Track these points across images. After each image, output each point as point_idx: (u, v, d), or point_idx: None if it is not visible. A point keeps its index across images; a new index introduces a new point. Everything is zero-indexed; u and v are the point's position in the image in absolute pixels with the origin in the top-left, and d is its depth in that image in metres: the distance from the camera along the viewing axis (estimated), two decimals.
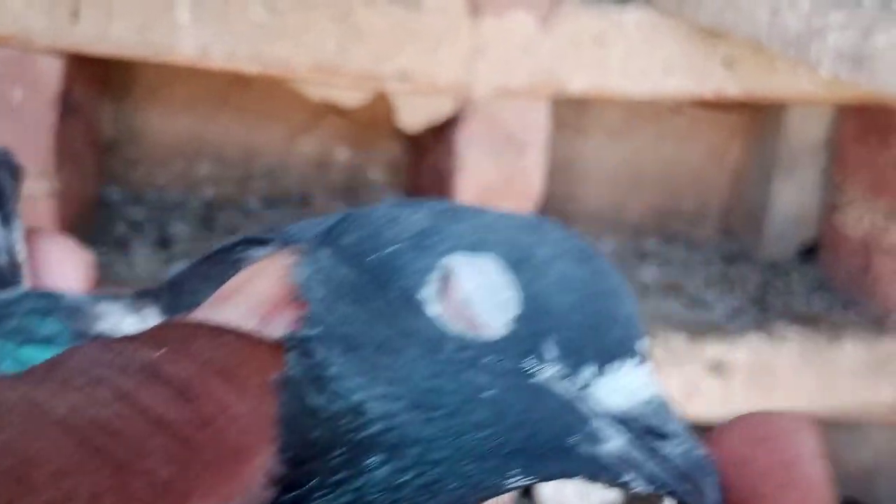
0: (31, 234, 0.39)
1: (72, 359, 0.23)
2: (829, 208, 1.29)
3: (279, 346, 0.25)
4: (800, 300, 1.26)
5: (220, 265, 0.29)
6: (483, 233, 0.27)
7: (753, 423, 0.26)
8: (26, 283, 0.38)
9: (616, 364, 0.26)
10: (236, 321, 0.25)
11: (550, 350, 0.26)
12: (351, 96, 1.08)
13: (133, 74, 1.23)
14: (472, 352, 0.25)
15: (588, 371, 0.26)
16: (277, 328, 0.25)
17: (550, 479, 0.26)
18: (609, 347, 0.26)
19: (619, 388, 0.26)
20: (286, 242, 0.28)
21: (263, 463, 0.23)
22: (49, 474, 0.20)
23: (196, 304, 0.27)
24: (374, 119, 1.25)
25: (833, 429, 1.22)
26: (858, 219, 1.24)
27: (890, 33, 0.69)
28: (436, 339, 0.25)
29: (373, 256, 0.26)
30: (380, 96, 1.08)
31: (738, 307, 1.23)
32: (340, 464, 0.25)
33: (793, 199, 1.31)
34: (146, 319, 0.28)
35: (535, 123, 1.02)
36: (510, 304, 0.26)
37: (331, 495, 0.25)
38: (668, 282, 1.30)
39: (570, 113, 1.27)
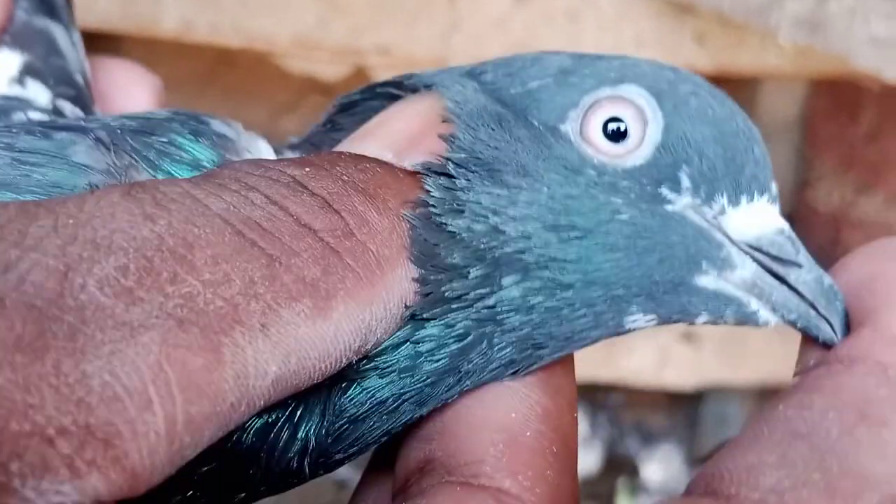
0: (95, 59, 0.37)
1: (226, 169, 0.25)
2: (802, 183, 1.32)
3: (417, 174, 0.26)
4: None
5: (357, 115, 0.30)
6: (626, 69, 0.28)
7: (883, 245, 0.27)
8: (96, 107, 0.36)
9: (749, 197, 0.27)
10: (375, 154, 0.27)
11: (687, 179, 0.27)
12: (332, 70, 1.10)
13: (119, 53, 1.25)
14: (612, 177, 0.27)
15: (722, 201, 0.27)
16: (416, 160, 0.27)
17: (670, 320, 0.27)
18: (743, 181, 0.27)
19: (752, 218, 0.27)
20: (418, 86, 0.29)
21: (401, 276, 0.25)
22: (209, 257, 0.22)
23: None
24: None
25: None
26: (829, 193, 1.27)
27: (842, 0, 0.72)
28: (577, 165, 0.27)
29: (517, 90, 0.28)
30: (361, 73, 1.11)
31: None
32: (477, 281, 0.26)
33: None
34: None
35: None
36: (653, 132, 0.27)
37: (468, 310, 0.26)
38: None
39: None
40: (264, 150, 0.30)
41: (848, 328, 0.26)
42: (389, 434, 0.27)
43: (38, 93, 0.34)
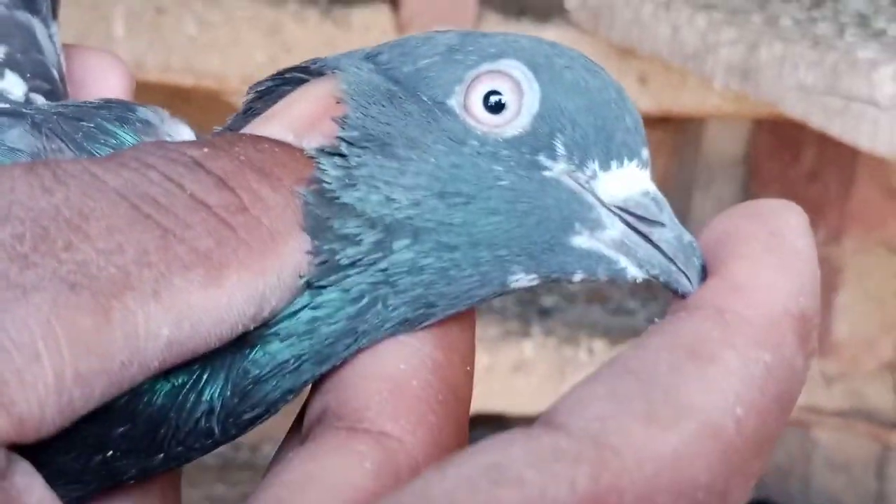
0: (68, 48, 0.39)
1: (130, 150, 0.26)
2: None
3: (312, 155, 0.28)
4: None
5: (269, 100, 0.31)
6: (506, 45, 0.30)
7: (744, 205, 0.28)
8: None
9: (619, 162, 0.29)
10: (277, 135, 0.28)
11: (562, 146, 0.29)
12: None
13: None
14: (493, 147, 0.29)
15: (594, 166, 0.29)
16: (314, 141, 0.28)
17: (550, 278, 0.29)
18: (614, 147, 0.29)
19: (621, 182, 0.29)
20: (325, 70, 0.30)
21: (294, 248, 0.26)
22: (103, 228, 0.23)
23: None
24: None
25: None
26: None
27: (772, 48, 0.75)
28: (461, 136, 0.29)
29: (409, 68, 0.30)
30: None
31: (660, 313, 1.28)
32: (370, 247, 0.28)
33: (712, 212, 1.36)
34: None
35: None
36: (530, 103, 0.29)
37: (362, 274, 0.28)
38: (594, 291, 1.35)
39: None
40: (185, 135, 0.31)
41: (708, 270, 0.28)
42: (293, 392, 0.29)
43: (13, 85, 0.34)
